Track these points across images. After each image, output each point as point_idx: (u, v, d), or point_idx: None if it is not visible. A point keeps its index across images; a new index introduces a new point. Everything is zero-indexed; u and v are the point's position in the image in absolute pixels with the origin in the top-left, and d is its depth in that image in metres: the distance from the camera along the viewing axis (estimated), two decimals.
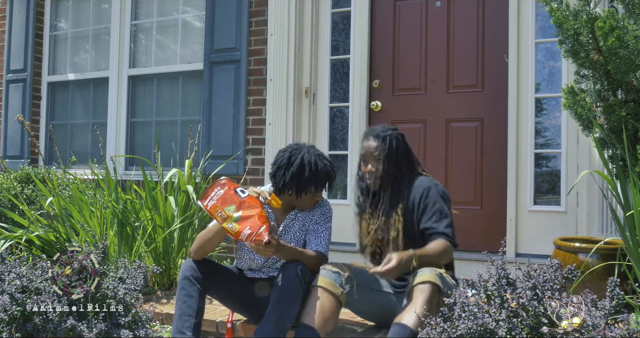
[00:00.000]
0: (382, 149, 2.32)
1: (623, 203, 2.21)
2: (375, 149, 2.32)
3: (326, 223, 2.41)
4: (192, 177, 3.34)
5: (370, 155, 2.33)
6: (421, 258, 2.07)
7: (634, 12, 2.40)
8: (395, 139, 2.34)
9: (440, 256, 2.14)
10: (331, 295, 2.13)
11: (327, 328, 2.11)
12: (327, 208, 2.45)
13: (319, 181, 2.34)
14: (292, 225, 2.42)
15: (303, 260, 2.22)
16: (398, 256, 2.01)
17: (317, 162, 2.33)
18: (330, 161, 2.42)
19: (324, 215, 2.42)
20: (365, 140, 2.38)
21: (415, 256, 2.06)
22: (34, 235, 3.18)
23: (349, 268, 2.23)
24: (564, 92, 2.61)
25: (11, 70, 5.10)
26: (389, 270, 1.99)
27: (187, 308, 2.19)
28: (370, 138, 2.36)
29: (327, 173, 2.36)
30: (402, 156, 2.34)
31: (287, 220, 2.42)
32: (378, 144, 2.33)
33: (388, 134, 2.34)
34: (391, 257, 2.00)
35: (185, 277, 2.24)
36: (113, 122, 4.72)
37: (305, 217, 2.43)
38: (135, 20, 4.75)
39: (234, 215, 2.05)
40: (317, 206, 2.43)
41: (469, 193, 3.49)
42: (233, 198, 2.08)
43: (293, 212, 2.43)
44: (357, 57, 3.82)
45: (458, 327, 1.63)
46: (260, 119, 3.96)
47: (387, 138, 2.34)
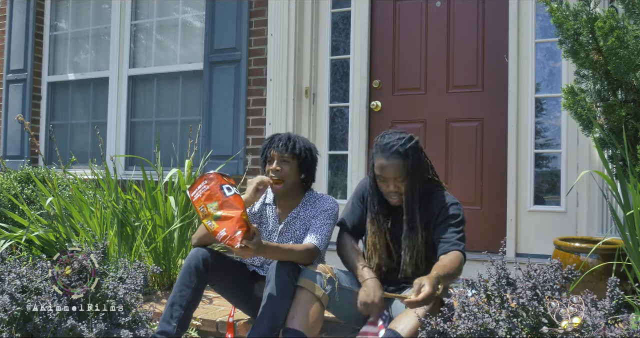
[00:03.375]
0: (402, 169, 2.14)
1: (623, 203, 2.21)
2: (396, 170, 2.14)
3: (327, 220, 2.35)
4: (192, 177, 3.34)
5: (391, 176, 2.16)
6: (444, 278, 1.92)
7: (634, 12, 2.40)
8: (415, 151, 2.17)
9: (458, 271, 2.02)
10: (313, 296, 2.11)
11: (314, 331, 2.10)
12: (330, 205, 2.39)
13: (285, 148, 2.34)
14: (294, 224, 2.42)
15: (292, 257, 2.19)
16: (429, 281, 1.81)
17: (290, 135, 2.39)
18: (312, 146, 2.43)
19: (325, 212, 2.37)
20: (382, 158, 2.16)
21: (441, 277, 1.89)
22: (34, 235, 3.18)
23: (330, 269, 2.20)
24: (564, 92, 2.61)
25: (11, 70, 5.10)
26: (425, 298, 1.78)
27: (180, 298, 2.19)
28: (389, 156, 2.15)
29: (296, 146, 2.36)
30: (423, 168, 2.22)
31: (288, 218, 2.42)
32: (399, 164, 2.14)
33: (408, 148, 2.15)
34: (422, 283, 1.80)
35: (188, 266, 2.23)
36: (113, 122, 4.72)
37: (307, 214, 2.41)
38: (135, 20, 4.75)
39: (215, 213, 2.01)
40: (320, 203, 2.40)
41: (469, 194, 3.48)
42: (217, 195, 2.03)
43: (295, 210, 2.42)
44: (357, 57, 3.82)
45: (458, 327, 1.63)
46: (260, 119, 3.96)
47: (409, 153, 2.15)
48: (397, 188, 2.18)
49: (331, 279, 2.16)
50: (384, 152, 2.17)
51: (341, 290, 2.19)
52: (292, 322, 2.07)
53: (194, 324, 2.57)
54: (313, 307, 2.10)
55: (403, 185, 2.17)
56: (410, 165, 2.15)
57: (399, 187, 2.18)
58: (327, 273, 2.16)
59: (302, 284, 2.13)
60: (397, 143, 2.16)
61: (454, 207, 2.19)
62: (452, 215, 2.16)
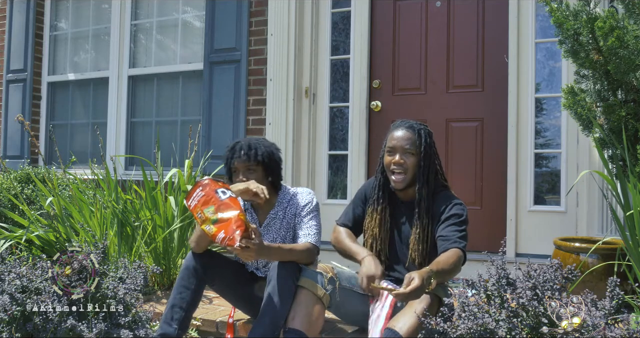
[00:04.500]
0: (412, 141, 2.20)
1: (623, 203, 2.21)
2: (406, 140, 2.20)
3: (311, 213, 2.33)
4: (192, 177, 3.34)
5: (400, 146, 2.21)
6: (438, 275, 1.93)
7: (634, 12, 2.40)
8: (428, 134, 2.25)
9: (454, 268, 2.02)
10: (314, 296, 2.11)
11: (315, 331, 2.10)
12: (308, 198, 2.37)
13: (248, 156, 2.30)
14: (273, 224, 2.40)
15: (293, 257, 2.18)
16: (419, 275, 1.82)
17: (250, 142, 2.34)
18: (274, 148, 2.39)
19: (306, 206, 2.35)
20: (396, 131, 2.25)
21: (433, 273, 1.90)
22: (34, 235, 3.18)
23: (331, 269, 2.20)
24: (564, 92, 2.61)
25: (11, 70, 5.10)
26: (413, 291, 1.80)
27: (180, 300, 2.19)
28: (403, 128, 2.23)
29: (258, 152, 2.32)
30: (432, 153, 2.24)
31: (267, 220, 2.40)
32: (411, 135, 2.21)
33: (422, 128, 2.24)
34: (412, 277, 1.82)
35: (187, 267, 2.23)
36: (113, 122, 4.72)
37: (286, 213, 2.38)
38: (135, 20, 4.75)
39: (212, 217, 2.00)
40: (297, 198, 2.38)
41: (469, 193, 3.48)
42: (213, 199, 2.02)
43: (274, 210, 2.40)
44: (357, 57, 3.82)
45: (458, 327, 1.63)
46: (260, 119, 3.96)
47: (422, 131, 2.23)
48: (403, 161, 2.19)
49: (332, 279, 2.16)
50: (398, 126, 2.26)
51: (342, 289, 2.19)
52: (293, 322, 2.07)
53: (194, 324, 2.57)
54: (314, 307, 2.10)
55: (410, 160, 2.20)
56: (420, 143, 2.21)
57: (405, 161, 2.20)
58: (328, 273, 2.16)
59: (303, 284, 2.13)
60: (413, 121, 2.27)
61: (457, 206, 2.19)
62: (455, 214, 2.17)
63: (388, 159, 2.24)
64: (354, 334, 2.38)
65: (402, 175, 2.21)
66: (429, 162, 2.22)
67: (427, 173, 2.22)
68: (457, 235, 2.11)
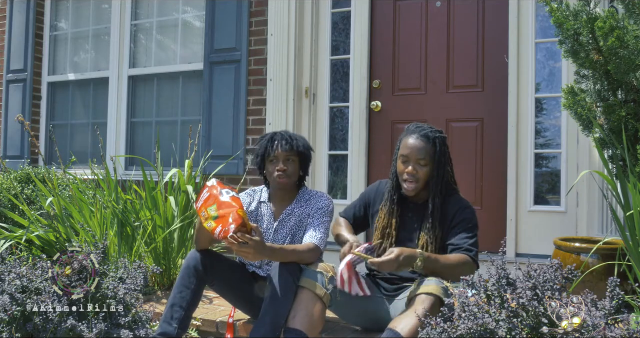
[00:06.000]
0: (427, 152, 2.18)
1: (623, 203, 2.21)
2: (420, 151, 2.18)
3: (323, 217, 2.37)
4: (192, 177, 3.34)
5: (414, 156, 2.20)
6: (428, 262, 1.99)
7: (634, 12, 2.40)
8: (443, 142, 2.22)
9: (453, 268, 2.04)
10: (315, 296, 2.11)
11: (315, 331, 2.10)
12: (325, 202, 2.41)
13: (284, 145, 2.37)
14: (288, 220, 2.43)
15: (295, 258, 2.19)
16: (399, 250, 1.96)
17: (289, 133, 2.42)
18: (309, 143, 2.47)
19: (320, 209, 2.39)
20: (410, 137, 2.22)
21: (422, 257, 1.98)
22: (34, 235, 3.18)
23: (332, 268, 2.20)
24: (564, 92, 2.61)
25: (11, 70, 5.10)
26: (386, 261, 1.94)
27: (180, 299, 2.20)
28: (418, 137, 2.20)
29: (299, 144, 2.40)
30: (446, 160, 2.24)
31: (283, 215, 2.43)
32: (425, 145, 2.19)
33: (437, 136, 2.21)
34: (392, 250, 1.96)
35: (187, 267, 2.25)
36: (113, 122, 4.72)
37: (302, 212, 2.42)
38: (135, 20, 4.75)
39: (213, 214, 2.06)
40: (314, 200, 2.42)
41: (469, 193, 3.48)
42: (216, 198, 2.08)
43: (290, 207, 2.43)
44: (357, 57, 3.82)
45: (458, 327, 1.63)
46: (260, 119, 3.96)
47: (437, 140, 2.21)
48: (415, 172, 2.19)
49: (332, 278, 2.16)
50: (413, 133, 2.23)
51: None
52: (293, 322, 2.07)
53: (194, 324, 2.57)
54: (315, 307, 2.10)
55: (422, 170, 2.20)
56: (434, 153, 2.20)
57: (418, 171, 2.20)
58: (328, 273, 2.16)
59: (304, 284, 2.13)
60: (428, 129, 2.24)
61: (468, 211, 2.21)
62: (465, 219, 2.19)
63: (401, 166, 2.24)
64: (354, 334, 2.38)
65: (413, 184, 2.22)
66: (442, 171, 2.23)
67: (440, 183, 2.22)
68: (467, 242, 2.13)
